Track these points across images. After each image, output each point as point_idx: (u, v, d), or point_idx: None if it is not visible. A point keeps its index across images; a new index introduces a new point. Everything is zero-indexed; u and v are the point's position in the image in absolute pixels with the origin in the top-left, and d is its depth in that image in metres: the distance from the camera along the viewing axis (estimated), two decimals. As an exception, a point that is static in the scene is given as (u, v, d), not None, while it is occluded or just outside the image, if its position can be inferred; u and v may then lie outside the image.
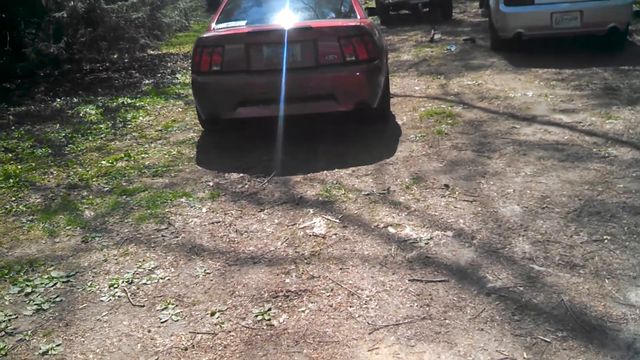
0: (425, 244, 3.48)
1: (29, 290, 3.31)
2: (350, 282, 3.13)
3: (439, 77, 8.19)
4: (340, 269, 3.27)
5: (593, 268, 3.11)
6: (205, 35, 5.56)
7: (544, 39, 8.78)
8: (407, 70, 8.89)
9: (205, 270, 3.38)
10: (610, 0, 8.05)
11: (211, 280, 3.28)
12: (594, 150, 4.82)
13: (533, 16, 8.34)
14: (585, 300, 2.84)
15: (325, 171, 4.85)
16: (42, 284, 3.37)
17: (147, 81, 9.71)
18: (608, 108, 5.94)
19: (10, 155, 5.94)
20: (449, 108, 6.44)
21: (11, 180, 5.14)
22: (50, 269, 3.55)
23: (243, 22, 5.78)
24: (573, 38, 8.85)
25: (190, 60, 10.84)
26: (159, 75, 10.23)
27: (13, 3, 9.45)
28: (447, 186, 4.31)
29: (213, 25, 5.86)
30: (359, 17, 5.79)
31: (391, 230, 3.70)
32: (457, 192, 4.19)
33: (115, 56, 11.14)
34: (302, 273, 3.26)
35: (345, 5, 6.28)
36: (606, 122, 5.50)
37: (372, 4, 17.19)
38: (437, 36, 11.61)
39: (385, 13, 14.94)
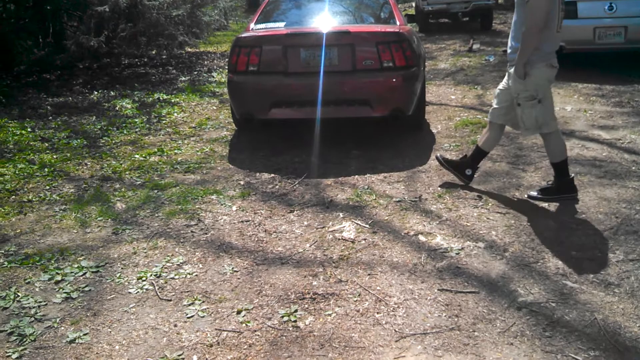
0: (456, 254, 3.43)
1: (59, 278, 3.34)
2: (378, 288, 3.09)
3: (475, 87, 8.10)
4: (369, 274, 3.24)
5: (628, 288, 3.02)
6: (243, 35, 5.58)
7: (585, 53, 8.62)
8: (444, 79, 8.81)
9: (233, 268, 3.38)
10: (656, 17, 7.88)
11: (238, 278, 3.27)
12: (633, 168, 4.71)
13: (575, 30, 8.18)
14: (620, 320, 2.76)
15: (356, 175, 4.82)
16: (72, 272, 3.40)
17: (183, 78, 9.81)
18: (649, 126, 5.80)
19: (47, 144, 6.03)
20: (485, 119, 6.31)
21: (46, 170, 5.22)
22: (81, 258, 3.58)
23: (282, 24, 5.79)
24: (615, 53, 8.67)
25: (227, 60, 10.97)
26: (195, 72, 10.33)
27: (57, -5, 9.65)
28: (480, 197, 4.25)
29: (252, 25, 5.89)
30: (398, 23, 5.75)
31: (421, 238, 3.65)
32: (490, 204, 4.13)
33: (153, 52, 11.31)
34: (330, 276, 3.23)
35: (384, 11, 6.25)
36: (647, 140, 5.37)
37: (412, 11, 17.15)
38: (475, 46, 11.51)
39: (425, 21, 14.89)
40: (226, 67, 10.09)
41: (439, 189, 4.45)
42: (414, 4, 18.53)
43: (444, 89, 8.13)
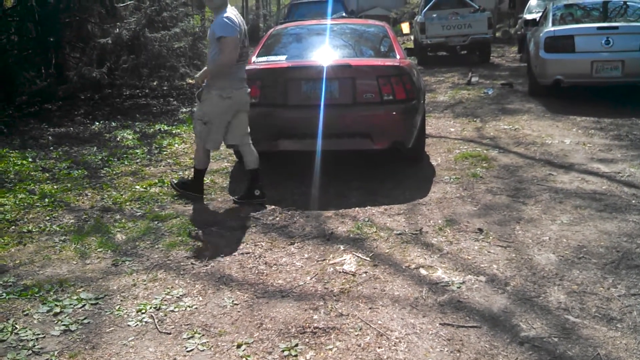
0: (458, 287, 3.41)
1: (57, 310, 3.32)
2: (379, 322, 3.07)
3: (475, 119, 8.16)
4: (370, 308, 3.22)
5: (631, 323, 3.00)
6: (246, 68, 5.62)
7: (583, 87, 8.71)
8: (443, 112, 8.88)
9: (233, 301, 3.36)
10: (653, 51, 7.98)
11: (239, 311, 3.25)
12: (633, 201, 4.72)
13: (573, 64, 8.30)
14: (623, 355, 2.74)
15: (357, 208, 4.83)
16: (71, 304, 3.37)
17: (184, 109, 9.87)
18: (648, 159, 5.83)
19: (47, 175, 6.04)
20: (485, 151, 6.39)
21: (46, 200, 5.22)
22: (80, 290, 3.56)
23: (283, 57, 5.85)
24: (613, 87, 8.75)
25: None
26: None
27: (60, 27, 9.76)
28: (481, 230, 4.24)
29: (253, 58, 5.94)
30: (398, 57, 5.81)
31: (423, 271, 3.63)
32: (491, 237, 4.12)
33: (154, 83, 11.40)
34: (331, 310, 3.21)
35: (384, 44, 6.31)
36: (646, 173, 5.39)
37: (411, 45, 17.35)
38: (474, 79, 11.62)
39: (423, 53, 15.07)
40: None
41: (440, 222, 4.45)
42: (412, 38, 18.78)
43: (443, 122, 8.18)
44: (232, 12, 4.76)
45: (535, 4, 17.10)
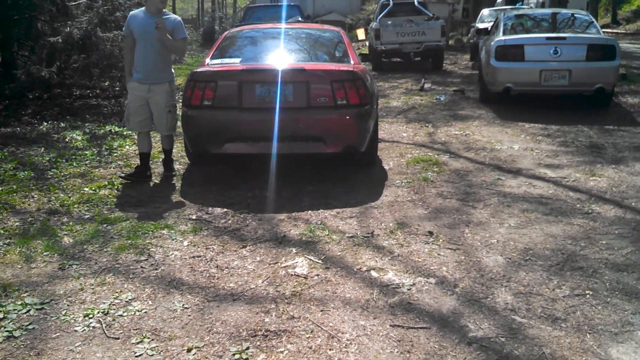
0: (408, 289, 3.45)
1: (0, 316, 3.21)
2: (330, 324, 3.08)
3: (427, 125, 8.28)
4: (321, 310, 3.23)
5: (575, 322, 3.09)
6: (198, 70, 5.59)
7: (532, 94, 8.95)
8: (396, 117, 8.99)
9: (183, 304, 3.32)
10: (598, 62, 8.26)
11: (189, 315, 3.21)
12: (578, 206, 4.87)
13: (522, 72, 8.53)
14: (567, 354, 2.82)
15: (309, 211, 4.84)
16: (15, 310, 3.27)
17: (136, 111, 9.69)
18: (592, 165, 6.02)
19: (-8, 176, 5.86)
20: (436, 156, 6.49)
21: (-9, 202, 5.06)
22: (25, 295, 3.46)
23: (237, 60, 5.83)
24: (560, 96, 9.02)
25: (181, 94, 10.93)
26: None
27: (8, 24, 9.49)
28: (431, 233, 4.31)
29: (207, 60, 5.91)
30: (352, 62, 5.86)
31: (374, 274, 3.67)
32: (441, 240, 4.19)
33: (106, 84, 11.18)
34: (282, 313, 3.21)
35: (339, 50, 6.36)
36: (590, 179, 5.57)
37: (366, 50, 17.51)
38: (427, 85, 11.81)
39: (378, 60, 15.23)
40: (180, 101, 10.07)
41: (391, 225, 4.50)
42: (367, 43, 18.96)
43: (396, 127, 8.28)
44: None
45: (488, 14, 17.54)
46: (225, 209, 4.90)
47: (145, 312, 3.25)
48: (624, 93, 10.08)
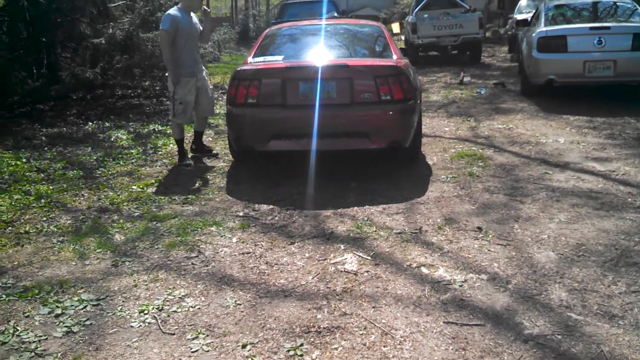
0: (460, 286, 3.43)
1: (59, 311, 3.30)
2: (383, 321, 3.07)
3: (468, 119, 8.19)
4: (373, 307, 3.22)
5: (633, 319, 3.03)
6: (242, 68, 5.63)
7: (575, 86, 8.77)
8: (437, 111, 8.91)
9: (235, 301, 3.35)
10: (644, 51, 8.04)
11: (242, 311, 3.25)
12: (629, 200, 4.75)
13: (566, 64, 8.36)
14: (626, 352, 2.76)
15: (355, 207, 4.83)
16: (72, 306, 3.35)
17: (177, 109, 9.82)
18: (642, 158, 5.88)
19: (42, 175, 6.01)
20: (480, 151, 6.42)
21: (43, 201, 5.19)
22: (81, 291, 3.54)
23: (280, 57, 5.85)
24: (605, 87, 8.81)
25: (220, 91, 11.04)
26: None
27: (52, 27, 9.70)
28: (480, 229, 4.26)
29: (250, 59, 5.94)
30: (395, 56, 5.83)
31: (424, 270, 3.65)
32: (490, 236, 4.14)
33: (147, 83, 11.34)
34: (334, 309, 3.22)
35: (380, 44, 6.34)
36: (640, 172, 5.44)
37: (402, 44, 17.40)
38: (466, 78, 11.67)
39: (415, 54, 15.11)
40: (220, 98, 10.17)
41: (439, 220, 4.47)
42: (403, 38, 18.83)
43: (438, 121, 8.21)
44: None
45: (526, 4, 17.21)
46: (271, 206, 4.93)
47: (199, 308, 3.30)
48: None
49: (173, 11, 6.11)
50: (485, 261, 3.74)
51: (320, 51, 6.02)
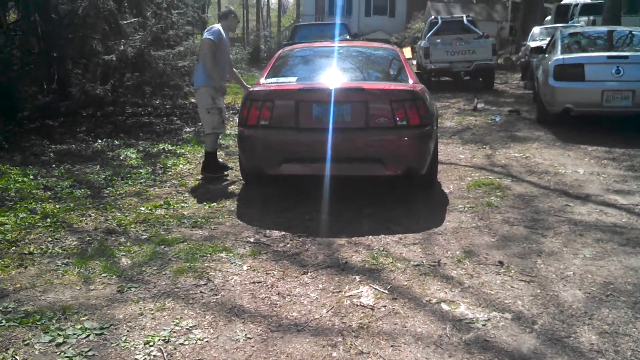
0: (483, 325, 3.24)
1: (60, 340, 3.13)
2: (403, 362, 2.89)
3: (484, 146, 8.04)
4: (392, 346, 3.04)
5: (669, 368, 2.84)
6: (255, 89, 5.50)
7: (592, 116, 8.61)
8: (451, 138, 8.77)
9: (246, 334, 3.18)
10: (663, 82, 7.90)
11: (252, 346, 3.07)
12: (655, 236, 4.57)
13: (583, 92, 8.22)
14: (665, 406, 2.57)
15: (370, 236, 4.67)
16: (74, 334, 3.18)
17: (188, 129, 9.75)
18: (665, 192, 5.70)
19: (49, 193, 5.87)
20: (497, 180, 6.25)
21: (48, 220, 5.05)
22: (84, 318, 3.37)
23: (293, 79, 5.73)
24: (623, 117, 8.65)
25: (231, 111, 10.94)
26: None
27: (64, 43, 9.65)
28: (501, 263, 4.08)
29: (262, 80, 5.82)
30: (411, 81, 5.70)
31: (445, 307, 3.46)
32: (512, 271, 3.96)
33: (157, 102, 11.27)
34: (350, 347, 3.04)
35: (396, 68, 6.21)
36: (665, 206, 5.25)
37: (414, 69, 17.34)
38: (480, 105, 11.55)
39: (427, 79, 15.01)
40: (230, 119, 10.06)
41: (458, 253, 4.29)
42: (415, 62, 18.77)
43: (452, 148, 8.07)
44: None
45: (539, 32, 17.19)
46: (283, 232, 4.77)
47: (207, 341, 3.12)
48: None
49: (218, 26, 6.43)
50: (508, 298, 3.56)
51: (334, 73, 5.90)
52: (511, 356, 2.94)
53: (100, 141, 8.43)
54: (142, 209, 5.40)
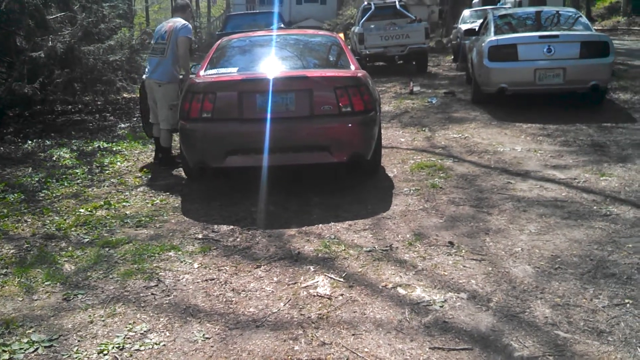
0: (440, 307, 3.27)
1: (6, 357, 2.96)
2: (366, 349, 2.88)
3: (423, 129, 8.13)
4: (353, 334, 3.03)
5: (621, 335, 2.93)
6: (196, 81, 5.36)
7: (526, 94, 8.84)
8: (390, 122, 8.83)
9: (204, 334, 3.09)
10: (593, 59, 8.18)
11: (212, 346, 2.99)
12: (595, 208, 4.73)
13: (517, 72, 8.42)
14: (620, 372, 2.65)
15: (320, 224, 4.64)
16: (21, 349, 3.02)
17: (122, 125, 9.45)
18: (599, 165, 5.91)
19: (-21, 200, 5.57)
20: (439, 161, 6.33)
21: (-19, 228, 4.79)
22: (30, 331, 3.20)
23: (234, 69, 5.61)
24: (555, 94, 8.92)
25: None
26: (134, 119, 9.96)
27: (-16, 41, 9.16)
28: (451, 243, 4.13)
29: (202, 72, 5.66)
30: (353, 67, 5.67)
31: (401, 291, 3.48)
32: (463, 250, 4.02)
33: (87, 98, 10.87)
34: (312, 339, 3.00)
35: (337, 55, 6.16)
36: (600, 179, 5.44)
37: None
38: (416, 88, 11.68)
39: (362, 64, 15.01)
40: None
41: (408, 236, 4.32)
42: (349, 47, 18.80)
43: (392, 132, 8.12)
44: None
45: (469, 15, 17.53)
46: (231, 226, 4.68)
47: (164, 345, 3.02)
48: (615, 89, 10.02)
49: (184, 22, 6.53)
50: (462, 278, 3.60)
51: (275, 62, 5.81)
52: (470, 335, 2.98)
53: (30, 142, 8.06)
54: (82, 210, 5.19)
